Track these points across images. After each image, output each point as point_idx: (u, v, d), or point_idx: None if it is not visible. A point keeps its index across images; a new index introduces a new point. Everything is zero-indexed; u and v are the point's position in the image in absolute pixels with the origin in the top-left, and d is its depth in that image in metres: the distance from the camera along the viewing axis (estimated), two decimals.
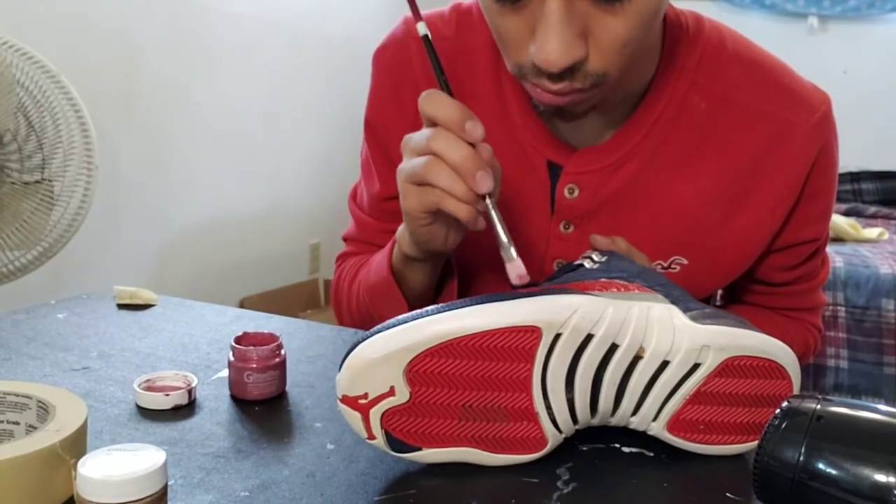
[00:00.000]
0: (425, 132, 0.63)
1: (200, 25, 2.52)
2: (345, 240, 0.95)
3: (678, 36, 0.76)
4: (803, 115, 0.76)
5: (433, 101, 0.62)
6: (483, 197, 0.61)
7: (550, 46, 0.60)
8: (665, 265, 0.78)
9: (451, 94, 0.64)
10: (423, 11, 0.85)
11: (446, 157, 0.61)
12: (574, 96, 0.66)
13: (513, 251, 0.62)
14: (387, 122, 0.85)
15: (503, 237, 0.62)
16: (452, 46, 0.81)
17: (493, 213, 0.62)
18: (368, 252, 0.89)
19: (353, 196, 0.94)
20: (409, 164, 0.64)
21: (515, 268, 0.61)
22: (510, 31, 0.65)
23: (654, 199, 0.77)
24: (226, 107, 2.65)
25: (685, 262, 0.79)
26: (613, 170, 0.77)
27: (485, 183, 0.60)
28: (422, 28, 0.65)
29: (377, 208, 0.89)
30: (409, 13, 0.85)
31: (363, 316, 0.85)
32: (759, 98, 0.76)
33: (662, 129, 0.76)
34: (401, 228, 0.73)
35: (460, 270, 0.83)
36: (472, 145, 0.61)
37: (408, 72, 0.82)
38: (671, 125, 0.76)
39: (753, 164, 0.76)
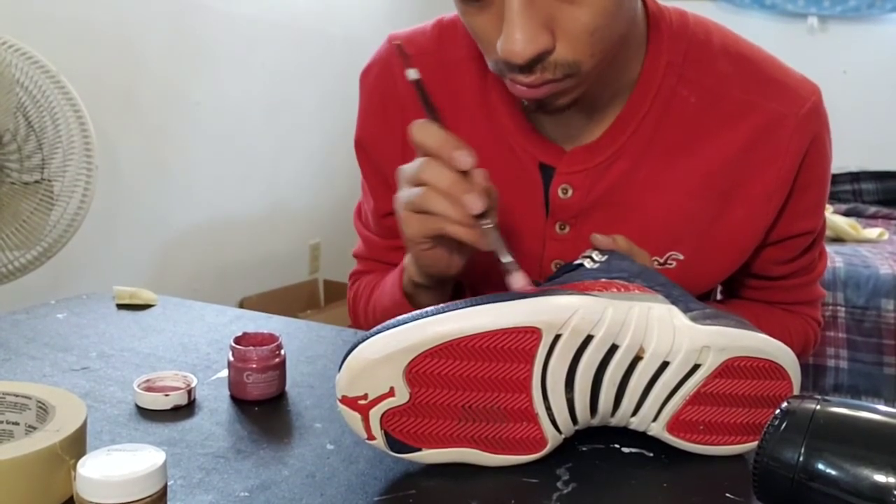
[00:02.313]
0: (417, 163, 0.65)
1: (200, 25, 2.52)
2: (355, 257, 0.97)
3: (662, 30, 0.76)
4: (793, 106, 0.76)
5: (422, 133, 0.65)
6: (479, 217, 0.64)
7: (514, 38, 0.62)
8: (661, 261, 0.79)
9: (440, 123, 0.66)
10: (408, 28, 0.86)
11: (437, 186, 0.64)
12: (549, 88, 0.66)
13: (515, 265, 0.63)
14: (376, 140, 0.86)
15: (505, 255, 0.64)
16: (435, 61, 0.82)
17: (492, 234, 0.65)
18: (378, 269, 0.91)
19: (358, 214, 0.96)
20: (405, 194, 0.66)
21: (517, 281, 0.63)
22: (481, 30, 0.66)
23: (648, 194, 0.78)
24: (226, 107, 2.65)
25: (681, 257, 0.79)
26: (605, 168, 0.77)
27: (475, 204, 0.62)
28: (412, 74, 0.67)
29: (379, 225, 0.91)
30: (379, 37, 0.87)
31: None
32: (747, 91, 0.77)
33: (652, 124, 0.76)
34: (407, 257, 0.75)
35: (464, 276, 0.84)
36: (465, 173, 0.63)
37: (393, 91, 0.84)
38: (661, 120, 0.76)
39: (744, 157, 0.77)
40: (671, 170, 0.77)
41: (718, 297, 0.96)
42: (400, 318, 0.55)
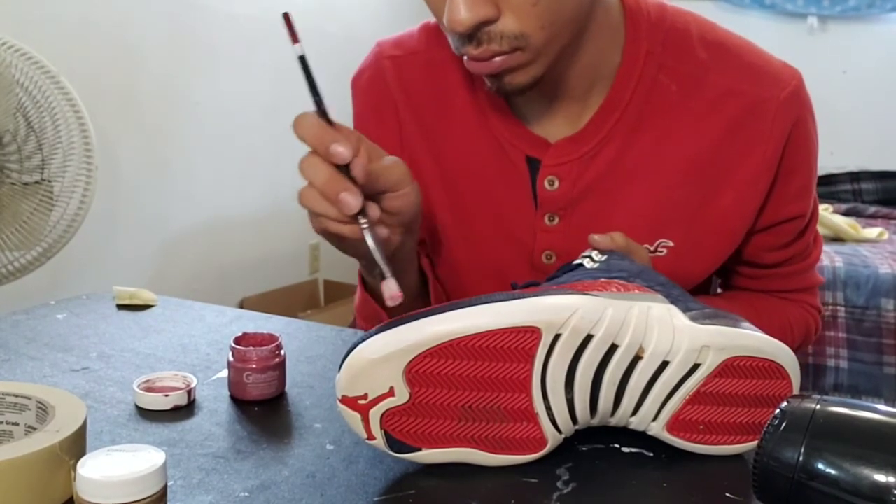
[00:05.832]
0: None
1: (200, 25, 2.52)
2: None
3: (639, 21, 0.77)
4: (773, 90, 0.77)
5: (300, 125, 0.63)
6: (357, 215, 0.62)
7: (455, 6, 0.62)
8: (651, 249, 0.79)
9: (325, 113, 0.63)
10: (399, 32, 0.87)
11: (313, 182, 0.62)
12: (500, 62, 0.67)
13: (386, 270, 0.61)
14: (373, 143, 0.86)
15: (376, 256, 0.62)
16: (423, 60, 0.84)
17: (367, 232, 0.62)
18: None
19: None
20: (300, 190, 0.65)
21: (388, 287, 0.61)
22: (435, 6, 0.67)
23: (634, 182, 0.78)
24: (226, 107, 2.65)
25: (671, 244, 0.79)
26: (590, 157, 0.78)
27: (348, 204, 0.61)
28: (298, 49, 0.66)
29: None
30: (380, 37, 0.88)
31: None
32: (728, 77, 0.77)
33: (634, 112, 0.77)
34: None
35: (458, 272, 0.84)
36: (346, 166, 0.61)
37: (385, 92, 0.85)
38: (643, 108, 0.77)
39: (728, 141, 0.77)
40: (656, 157, 0.78)
41: (717, 290, 0.96)
42: (400, 318, 0.55)
